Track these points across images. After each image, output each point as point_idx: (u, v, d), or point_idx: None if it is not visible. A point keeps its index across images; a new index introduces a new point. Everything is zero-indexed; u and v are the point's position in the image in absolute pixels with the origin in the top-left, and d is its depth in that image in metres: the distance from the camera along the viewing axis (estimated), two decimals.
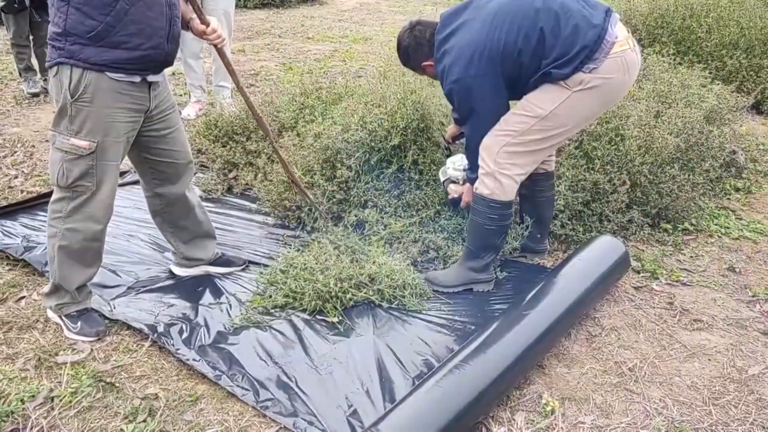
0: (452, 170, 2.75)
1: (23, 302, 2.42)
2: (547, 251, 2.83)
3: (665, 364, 2.18)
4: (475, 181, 2.42)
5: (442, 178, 2.83)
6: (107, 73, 1.96)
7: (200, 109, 4.65)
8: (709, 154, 3.32)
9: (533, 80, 2.25)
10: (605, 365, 2.15)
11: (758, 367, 2.16)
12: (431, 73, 2.49)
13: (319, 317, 2.34)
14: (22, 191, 3.41)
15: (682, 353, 2.23)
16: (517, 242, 2.74)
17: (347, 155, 2.98)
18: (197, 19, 2.14)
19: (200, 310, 2.38)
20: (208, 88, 4.84)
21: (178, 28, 2.08)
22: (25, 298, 2.44)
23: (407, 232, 2.79)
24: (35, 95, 4.97)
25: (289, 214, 3.03)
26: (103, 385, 1.99)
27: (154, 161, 2.27)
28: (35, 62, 5.04)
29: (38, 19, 4.68)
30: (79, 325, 2.21)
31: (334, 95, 3.79)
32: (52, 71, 1.98)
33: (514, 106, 2.36)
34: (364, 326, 2.30)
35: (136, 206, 3.18)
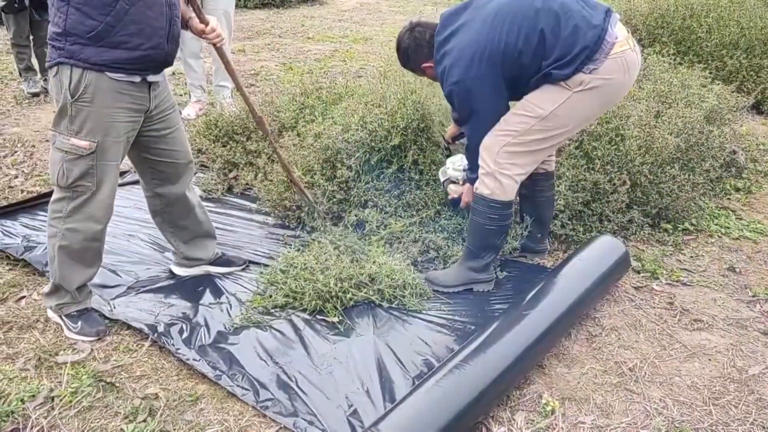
0: (452, 170, 2.75)
1: (23, 302, 2.42)
2: (547, 251, 2.83)
3: (665, 364, 2.18)
4: (475, 181, 2.42)
5: (441, 178, 2.83)
6: (107, 73, 1.96)
7: (200, 108, 4.65)
8: (709, 154, 3.32)
9: (534, 81, 2.25)
10: (605, 365, 2.16)
11: (758, 367, 2.16)
12: (431, 74, 2.49)
13: (319, 317, 2.34)
14: (22, 191, 3.41)
15: (682, 353, 2.23)
16: (517, 242, 2.74)
17: (347, 155, 2.98)
18: (196, 18, 2.15)
19: (200, 309, 2.38)
20: (208, 87, 4.84)
21: (178, 28, 2.08)
22: (25, 297, 2.44)
23: (407, 231, 2.79)
24: (35, 95, 4.97)
25: (289, 214, 3.03)
26: (103, 384, 1.99)
27: (154, 161, 2.28)
28: (35, 62, 5.04)
29: (38, 18, 4.68)
30: (79, 324, 2.21)
31: (334, 95, 3.79)
32: (52, 71, 1.98)
33: (514, 106, 2.36)
34: (364, 326, 2.30)
35: (136, 206, 3.18)
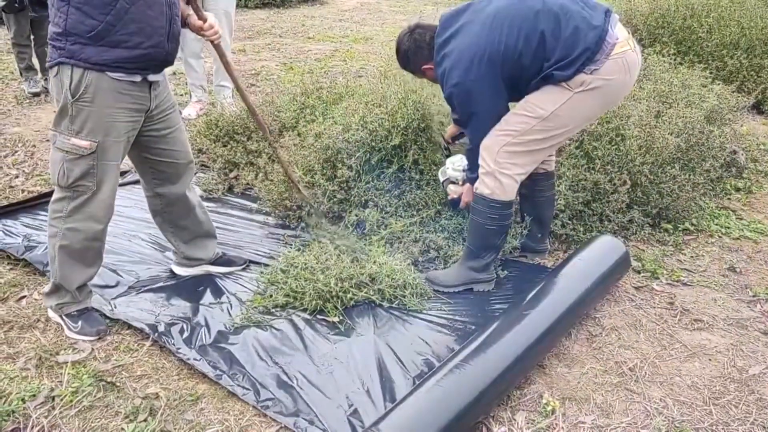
0: (452, 171, 2.75)
1: (24, 302, 2.42)
2: (547, 251, 2.83)
3: (666, 363, 2.18)
4: (475, 181, 2.42)
5: (441, 178, 2.83)
6: (108, 72, 1.96)
7: (201, 108, 4.65)
8: (709, 154, 3.32)
9: (534, 82, 2.25)
10: (606, 365, 2.16)
11: (759, 367, 2.16)
12: (431, 76, 2.49)
13: (319, 317, 2.34)
14: (23, 191, 3.41)
15: (682, 353, 2.23)
16: (517, 241, 2.74)
17: (348, 155, 2.98)
18: (194, 15, 2.15)
19: (201, 309, 2.38)
20: (208, 87, 4.84)
21: (178, 27, 2.08)
22: (25, 297, 2.44)
23: (408, 231, 2.79)
24: (36, 95, 4.97)
25: (289, 213, 3.03)
26: (103, 384, 2.00)
27: (154, 161, 2.28)
28: (36, 62, 5.05)
29: (37, 15, 4.67)
30: (79, 324, 2.21)
31: (334, 95, 3.79)
32: (52, 71, 1.98)
33: (514, 106, 2.36)
34: (364, 326, 2.30)
35: (136, 206, 3.19)
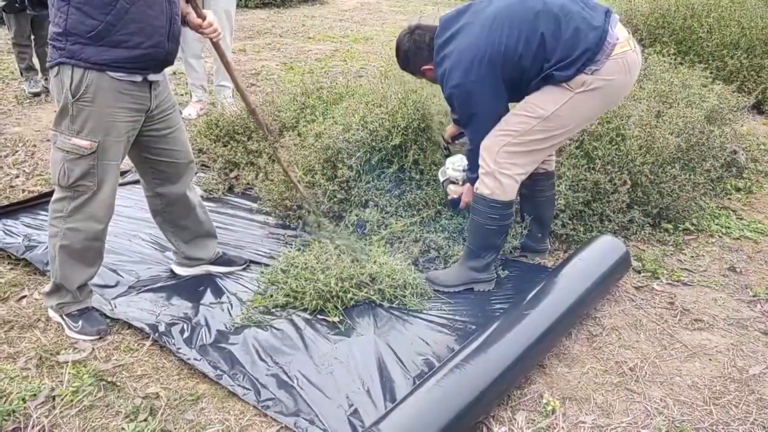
0: (451, 171, 2.75)
1: (24, 301, 2.42)
2: (547, 251, 2.83)
3: (666, 363, 2.18)
4: (475, 181, 2.42)
5: (441, 178, 2.83)
6: (108, 72, 1.96)
7: (201, 108, 4.65)
8: (710, 154, 3.32)
9: (535, 83, 2.25)
10: (606, 365, 2.16)
11: (759, 367, 2.16)
12: (431, 77, 2.49)
13: (320, 317, 2.34)
14: (23, 190, 3.41)
15: (682, 353, 2.23)
16: (517, 241, 2.74)
17: (348, 155, 2.98)
18: (194, 12, 2.14)
19: (201, 309, 2.38)
20: (209, 87, 4.84)
21: (178, 26, 2.08)
22: (26, 297, 2.44)
23: (408, 231, 2.79)
24: (36, 95, 4.97)
25: (290, 213, 3.03)
26: (104, 384, 2.00)
27: (154, 161, 2.28)
28: (36, 62, 5.05)
29: (36, 14, 4.66)
30: (80, 324, 2.21)
31: (335, 95, 3.79)
32: (53, 71, 1.98)
33: (514, 107, 2.36)
34: (365, 326, 2.30)
35: (137, 206, 3.19)
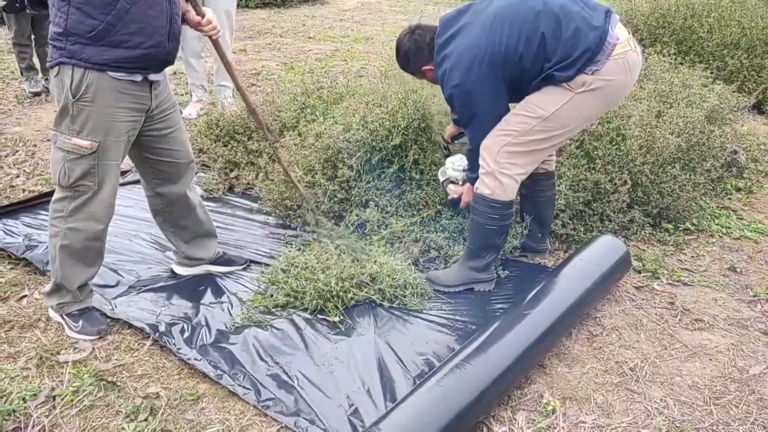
0: (451, 170, 2.75)
1: (25, 301, 2.42)
2: (548, 251, 2.82)
3: (666, 363, 2.18)
4: (475, 181, 2.42)
5: (441, 178, 2.83)
6: (108, 72, 1.96)
7: (201, 108, 4.65)
8: (710, 154, 3.32)
9: (535, 83, 2.25)
10: (606, 365, 2.16)
11: (759, 367, 2.16)
12: (431, 77, 2.49)
13: (320, 316, 2.34)
14: (23, 190, 3.42)
15: (683, 353, 2.23)
16: (517, 241, 2.74)
17: (348, 155, 2.98)
18: (193, 10, 2.15)
19: (201, 309, 2.38)
20: (209, 87, 4.84)
21: (178, 26, 2.08)
22: (26, 297, 2.44)
23: (408, 231, 2.79)
24: (37, 94, 4.97)
25: (290, 213, 3.03)
26: (104, 384, 2.00)
27: (154, 161, 2.28)
28: (37, 61, 5.05)
29: (36, 13, 4.67)
30: (80, 324, 2.21)
31: (335, 95, 3.79)
32: (53, 71, 1.98)
33: (514, 107, 2.36)
34: (365, 325, 2.30)
35: (137, 205, 3.19)
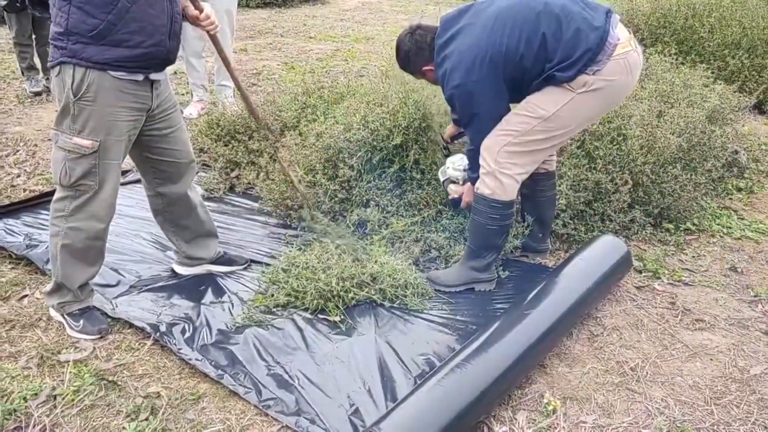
0: (452, 170, 2.75)
1: (26, 300, 2.42)
2: (548, 251, 2.82)
3: (667, 363, 2.17)
4: (476, 180, 2.42)
5: (441, 178, 2.83)
6: (109, 71, 1.96)
7: (202, 108, 4.65)
8: (711, 153, 3.32)
9: (536, 83, 2.25)
10: (607, 365, 2.16)
11: (760, 367, 2.16)
12: (431, 77, 2.48)
13: (321, 316, 2.34)
14: (24, 190, 3.42)
15: (683, 353, 2.23)
16: (518, 241, 2.74)
17: (349, 154, 2.98)
18: (191, 5, 2.14)
19: (202, 309, 2.39)
20: (210, 87, 4.84)
21: (179, 24, 2.08)
22: (27, 296, 2.45)
23: (409, 231, 2.79)
24: (38, 94, 4.98)
25: (291, 213, 3.03)
26: (105, 383, 2.00)
27: (155, 160, 2.28)
28: (38, 61, 5.05)
29: (38, 15, 4.67)
30: (81, 323, 2.21)
31: (336, 94, 3.79)
32: (54, 70, 1.98)
33: (515, 107, 2.35)
34: (365, 325, 2.30)
35: (138, 205, 3.19)
